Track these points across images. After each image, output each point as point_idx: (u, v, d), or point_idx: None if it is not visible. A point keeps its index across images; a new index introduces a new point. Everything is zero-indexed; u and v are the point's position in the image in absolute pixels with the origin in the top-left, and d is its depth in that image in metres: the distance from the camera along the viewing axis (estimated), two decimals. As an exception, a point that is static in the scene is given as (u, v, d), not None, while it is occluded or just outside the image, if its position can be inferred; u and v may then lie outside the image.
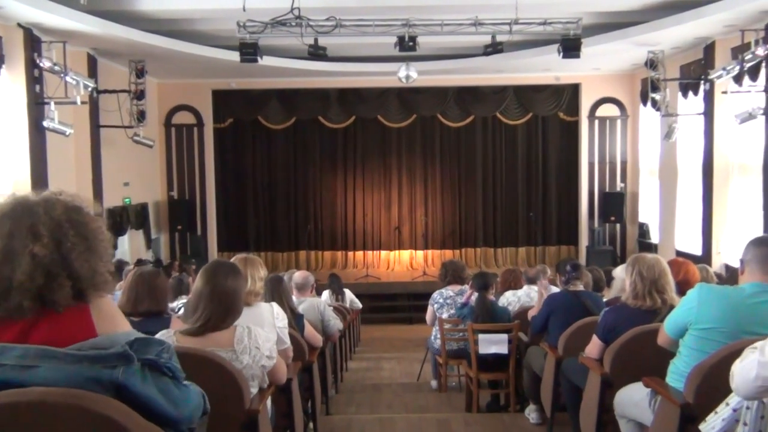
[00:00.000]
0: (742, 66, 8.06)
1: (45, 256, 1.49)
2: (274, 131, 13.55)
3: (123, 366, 1.45)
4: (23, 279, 1.48)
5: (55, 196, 1.60)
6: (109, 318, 1.58)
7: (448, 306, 5.97)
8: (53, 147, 8.36)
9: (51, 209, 1.55)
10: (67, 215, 1.56)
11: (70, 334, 1.50)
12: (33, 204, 1.55)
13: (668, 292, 3.42)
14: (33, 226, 1.51)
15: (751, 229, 8.53)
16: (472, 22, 8.30)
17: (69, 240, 1.53)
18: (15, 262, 1.49)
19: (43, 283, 1.49)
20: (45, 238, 1.50)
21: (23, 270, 1.48)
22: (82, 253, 1.54)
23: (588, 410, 3.61)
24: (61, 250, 1.52)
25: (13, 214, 1.54)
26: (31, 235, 1.50)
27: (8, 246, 1.50)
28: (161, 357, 1.52)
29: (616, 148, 13.20)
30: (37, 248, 1.49)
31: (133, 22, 8.97)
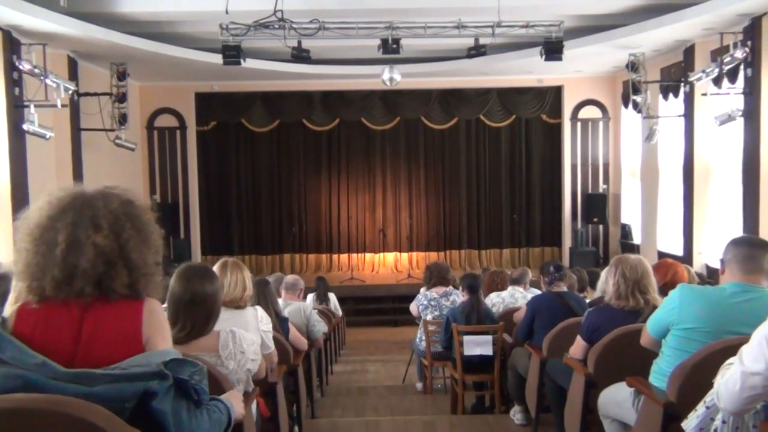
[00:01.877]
0: (721, 68, 8.17)
1: (106, 246, 1.64)
2: (258, 134, 13.50)
3: (158, 382, 1.52)
4: (87, 266, 1.62)
5: (110, 190, 1.76)
6: (155, 324, 1.70)
7: (432, 308, 5.99)
8: (33, 150, 8.25)
9: (108, 202, 1.70)
10: (123, 208, 1.71)
11: (118, 324, 1.63)
12: (92, 197, 1.71)
13: (651, 293, 3.45)
14: (94, 218, 1.66)
15: (731, 230, 8.64)
16: (455, 24, 8.33)
17: (126, 231, 1.68)
18: (80, 251, 1.62)
19: (103, 270, 1.64)
20: (105, 230, 1.65)
21: (87, 258, 1.62)
22: (137, 244, 1.69)
23: (572, 411, 3.63)
24: (119, 240, 1.67)
25: (74, 205, 1.67)
26: (93, 226, 1.65)
27: (73, 235, 1.63)
28: (192, 378, 1.60)
29: (598, 150, 13.31)
30: (99, 238, 1.64)
31: (114, 24, 8.89)
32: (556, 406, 3.99)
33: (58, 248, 1.63)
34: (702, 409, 2.18)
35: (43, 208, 1.69)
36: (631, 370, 3.06)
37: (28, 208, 1.73)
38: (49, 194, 1.73)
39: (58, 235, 1.64)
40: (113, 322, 1.64)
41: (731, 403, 1.99)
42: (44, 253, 1.64)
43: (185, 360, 1.62)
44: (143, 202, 1.80)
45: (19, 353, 1.54)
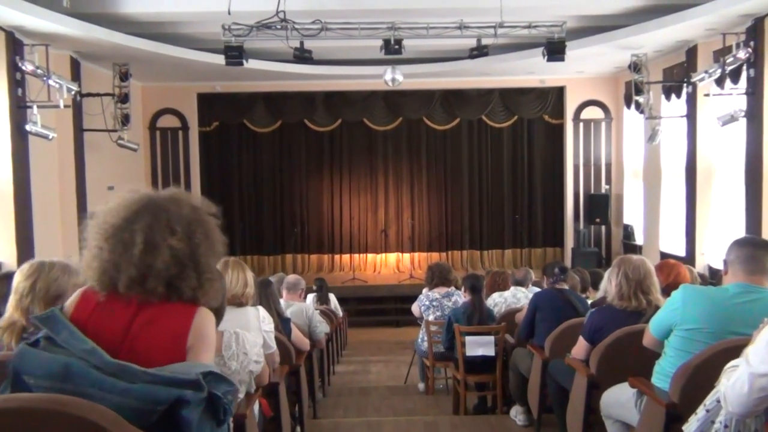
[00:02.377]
0: (724, 69, 8.16)
1: (180, 249, 1.72)
2: (260, 134, 13.51)
3: (192, 392, 1.56)
4: (162, 267, 1.70)
5: (179, 195, 1.83)
6: (202, 334, 1.73)
7: (434, 308, 5.99)
8: (36, 151, 8.27)
9: (180, 207, 1.78)
10: (193, 213, 1.80)
11: (168, 324, 1.70)
12: (164, 201, 1.78)
13: (653, 293, 3.45)
14: (169, 222, 1.73)
15: (734, 231, 8.62)
16: (458, 25, 8.33)
17: (197, 236, 1.76)
18: (156, 252, 1.70)
19: (175, 272, 1.71)
20: (179, 233, 1.74)
21: (163, 259, 1.70)
22: (205, 249, 1.78)
23: (574, 411, 3.62)
24: (191, 244, 1.74)
25: (148, 209, 1.75)
26: (168, 229, 1.73)
27: (150, 237, 1.71)
28: (226, 397, 1.63)
29: (600, 151, 13.30)
30: (174, 241, 1.72)
31: (117, 24, 8.90)
32: (558, 406, 3.99)
33: (136, 249, 1.70)
34: (702, 412, 2.17)
35: (118, 209, 1.77)
36: (634, 371, 3.06)
37: (97, 209, 1.81)
38: (120, 196, 1.81)
39: (135, 236, 1.71)
40: (164, 322, 1.70)
41: (739, 406, 1.96)
42: (120, 252, 1.71)
43: (223, 377, 1.65)
44: (208, 208, 1.88)
45: (72, 337, 1.59)
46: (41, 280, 2.47)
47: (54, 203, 9.00)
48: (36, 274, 2.48)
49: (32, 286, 2.45)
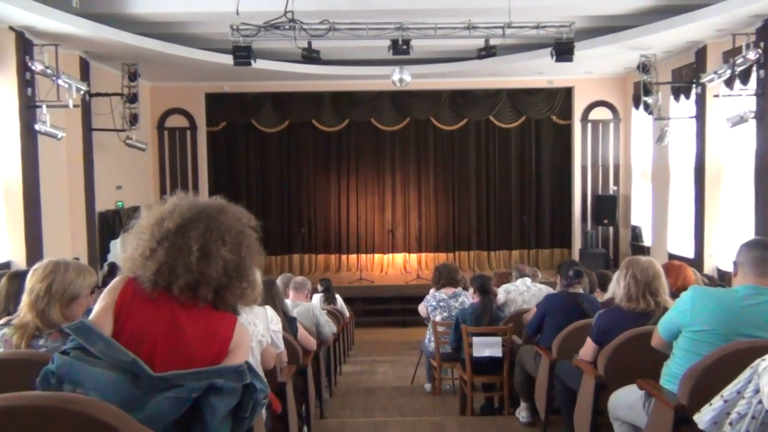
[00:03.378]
0: (734, 70, 8.11)
1: (231, 259, 1.81)
2: (268, 135, 13.54)
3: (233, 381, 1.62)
4: (214, 276, 1.78)
5: (226, 207, 1.92)
6: (243, 340, 1.84)
7: (441, 308, 5.98)
8: (45, 150, 8.31)
9: (228, 219, 1.89)
10: (240, 227, 1.88)
11: (213, 327, 1.78)
12: (215, 212, 1.87)
13: (662, 295, 3.44)
14: (221, 233, 1.82)
15: (743, 232, 8.57)
16: (466, 25, 8.32)
17: (243, 248, 1.84)
18: (210, 261, 1.78)
19: (224, 282, 1.80)
20: (230, 244, 1.82)
21: (216, 269, 1.78)
22: (250, 261, 1.86)
23: (582, 413, 3.61)
24: (239, 255, 1.83)
25: (202, 218, 1.83)
26: (221, 240, 1.82)
27: (204, 246, 1.79)
28: (261, 393, 1.70)
29: (608, 152, 13.25)
30: (225, 252, 1.80)
31: (126, 25, 8.94)
32: (566, 408, 3.97)
33: (192, 256, 1.78)
34: (719, 402, 2.15)
35: (173, 214, 1.85)
36: (642, 373, 3.04)
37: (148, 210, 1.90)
38: (173, 201, 1.89)
39: (190, 243, 1.79)
40: (211, 327, 1.78)
41: None
42: (176, 256, 1.78)
43: (259, 376, 1.72)
44: (249, 220, 1.95)
45: (109, 348, 1.63)
46: (57, 282, 2.47)
47: (63, 202, 9.05)
48: (52, 276, 2.48)
49: (48, 288, 2.45)
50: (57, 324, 2.44)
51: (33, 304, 2.44)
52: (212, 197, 1.98)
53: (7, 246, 7.82)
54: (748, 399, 2.04)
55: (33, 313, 2.43)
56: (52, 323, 2.44)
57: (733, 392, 2.11)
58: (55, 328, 2.45)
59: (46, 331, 2.43)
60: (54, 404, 1.46)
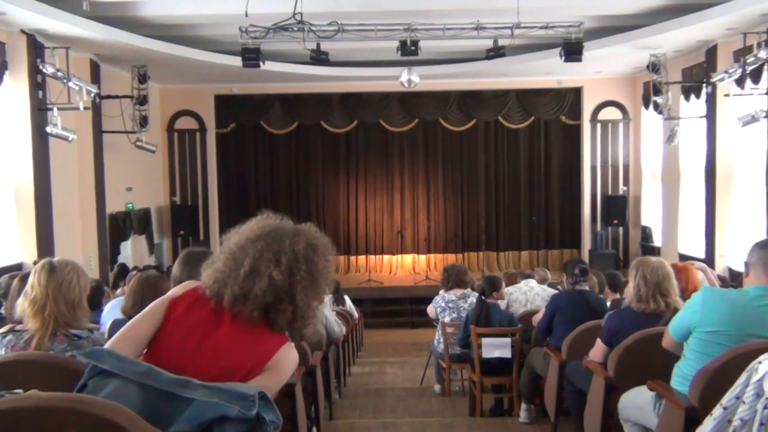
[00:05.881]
0: (745, 69, 8.04)
1: (279, 280, 1.80)
2: (277, 136, 13.57)
3: (240, 408, 1.60)
4: (259, 293, 1.79)
5: (304, 230, 1.93)
6: (280, 366, 1.82)
7: (450, 310, 5.97)
8: (56, 153, 8.37)
9: (295, 242, 1.87)
10: (306, 251, 1.87)
11: (255, 344, 1.79)
12: (284, 233, 1.88)
13: (672, 296, 3.42)
14: (278, 253, 1.83)
15: (755, 232, 8.50)
16: (474, 26, 8.30)
17: (299, 273, 1.83)
18: (257, 278, 1.79)
19: (272, 301, 1.80)
20: (283, 266, 1.82)
21: (260, 287, 1.79)
22: (305, 288, 1.85)
23: (592, 414, 3.60)
24: (291, 279, 1.82)
25: (267, 237, 1.86)
26: (275, 260, 1.82)
27: (256, 264, 1.81)
28: (272, 425, 1.67)
29: (618, 152, 13.20)
30: (275, 273, 1.80)
31: (136, 27, 8.99)
32: (575, 409, 3.96)
33: (242, 270, 1.81)
34: (719, 411, 2.14)
35: (249, 231, 1.90)
36: (652, 374, 3.03)
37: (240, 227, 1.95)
38: (258, 219, 1.95)
39: (246, 259, 1.82)
40: (253, 342, 1.80)
41: None
42: (232, 269, 1.82)
43: (274, 407, 1.70)
44: (327, 250, 1.97)
45: (119, 362, 1.65)
46: (55, 281, 2.47)
47: (74, 204, 9.11)
48: (48, 275, 2.48)
49: (46, 289, 2.46)
50: (62, 326, 2.45)
51: (32, 304, 2.44)
52: (308, 224, 2.02)
53: (18, 248, 7.87)
54: (749, 404, 2.01)
55: (36, 316, 2.43)
56: (57, 325, 2.44)
57: (731, 398, 2.09)
58: (61, 330, 2.45)
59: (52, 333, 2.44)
60: (65, 405, 1.47)
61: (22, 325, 2.49)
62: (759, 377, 2.00)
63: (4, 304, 3.09)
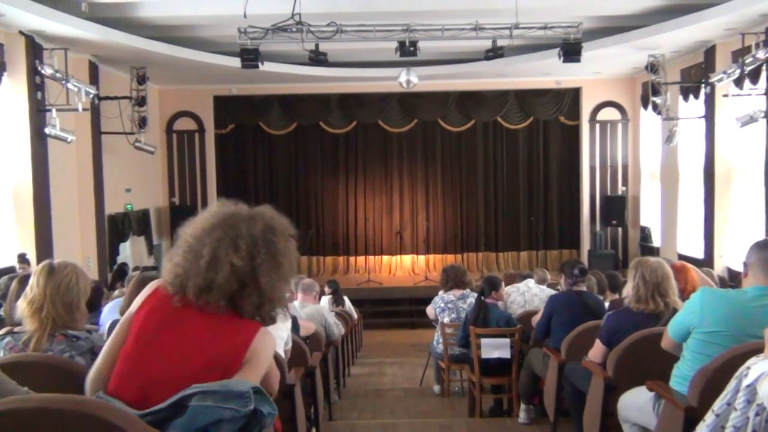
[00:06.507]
0: (743, 69, 8.06)
1: (240, 267, 1.77)
2: (276, 137, 13.57)
3: (238, 407, 1.60)
4: (222, 282, 1.76)
5: (259, 213, 1.91)
6: (260, 354, 1.78)
7: (450, 310, 5.97)
8: (55, 154, 8.37)
9: (252, 227, 1.84)
10: (264, 233, 1.84)
11: (230, 336, 1.76)
12: (240, 218, 1.86)
13: (671, 296, 3.42)
14: (235, 239, 1.80)
15: (754, 233, 8.51)
16: (473, 26, 8.31)
17: (260, 256, 1.80)
18: (218, 267, 1.77)
19: (236, 288, 1.77)
20: (243, 251, 1.79)
21: (223, 275, 1.76)
22: (268, 270, 1.81)
23: (591, 414, 3.60)
24: (252, 263, 1.79)
25: (223, 224, 1.83)
26: (233, 246, 1.79)
27: (215, 252, 1.78)
28: (269, 417, 1.67)
29: (617, 152, 13.21)
30: (236, 259, 1.78)
31: (134, 28, 8.99)
32: (575, 409, 3.96)
33: (202, 260, 1.78)
34: (711, 417, 2.13)
35: (204, 221, 1.87)
36: (651, 374, 3.03)
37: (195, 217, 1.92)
38: (211, 208, 1.92)
39: (204, 249, 1.80)
40: (227, 334, 1.76)
41: None
42: (191, 261, 1.80)
43: (268, 399, 1.69)
44: (286, 230, 1.92)
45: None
46: (53, 283, 2.47)
47: (72, 205, 9.10)
48: (47, 277, 2.49)
49: (45, 290, 2.46)
50: (59, 327, 2.45)
51: (30, 305, 2.44)
52: (264, 206, 1.99)
53: (17, 249, 7.86)
54: (741, 411, 2.00)
55: (34, 317, 2.44)
56: (55, 326, 2.44)
57: (723, 405, 2.08)
58: (59, 331, 2.46)
59: (50, 334, 2.44)
60: (65, 406, 1.47)
61: (21, 327, 2.49)
62: (749, 382, 2.00)
63: (3, 306, 3.09)
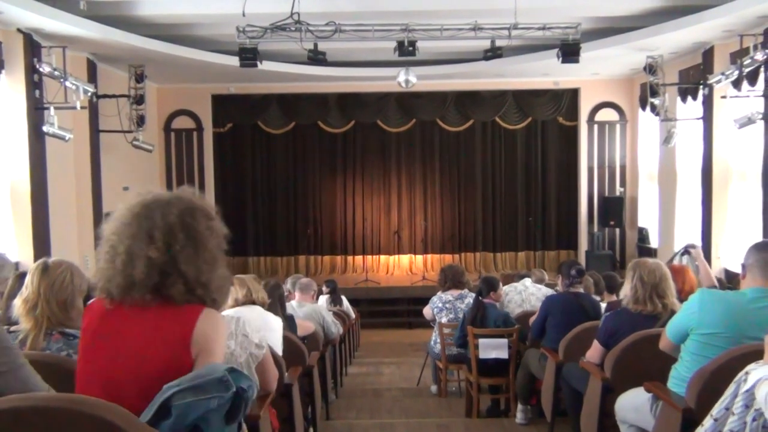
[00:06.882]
0: (741, 71, 8.06)
1: (158, 258, 1.72)
2: (274, 136, 13.55)
3: (221, 393, 1.59)
4: (142, 277, 1.71)
5: (176, 198, 1.82)
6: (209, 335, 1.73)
7: (447, 310, 5.97)
8: (53, 152, 8.35)
9: (167, 214, 1.77)
10: (181, 218, 1.77)
11: (171, 327, 1.71)
12: (154, 208, 1.78)
13: (669, 297, 3.43)
14: (150, 230, 1.74)
15: (751, 234, 8.52)
16: (472, 27, 8.31)
17: (178, 243, 1.74)
18: (134, 263, 1.72)
19: (158, 280, 1.72)
20: (159, 242, 1.73)
21: (141, 270, 1.71)
22: (189, 256, 1.75)
23: (589, 415, 3.60)
24: (170, 252, 1.73)
25: (138, 217, 1.77)
26: (148, 238, 1.74)
27: (131, 248, 1.74)
28: (250, 390, 1.66)
29: (615, 153, 13.21)
30: (151, 251, 1.72)
31: (133, 27, 8.97)
32: (572, 410, 3.96)
33: (119, 258, 1.74)
34: (709, 422, 2.13)
35: (121, 216, 1.81)
36: (649, 375, 3.03)
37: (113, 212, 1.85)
38: (124, 203, 1.84)
39: (119, 246, 1.76)
40: (168, 327, 1.72)
41: None
42: (110, 260, 1.76)
43: (242, 373, 1.67)
44: (206, 210, 1.86)
45: None
46: (47, 281, 2.47)
47: (70, 204, 9.08)
48: (41, 275, 2.49)
49: (38, 288, 2.46)
50: (55, 325, 2.45)
51: (25, 303, 2.44)
52: (183, 187, 1.91)
53: (15, 247, 7.85)
54: (739, 415, 2.00)
55: (29, 315, 2.43)
56: (50, 324, 2.44)
57: (721, 409, 2.09)
58: (55, 329, 2.45)
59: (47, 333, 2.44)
60: (62, 405, 1.47)
61: (18, 326, 2.48)
62: (747, 387, 2.01)
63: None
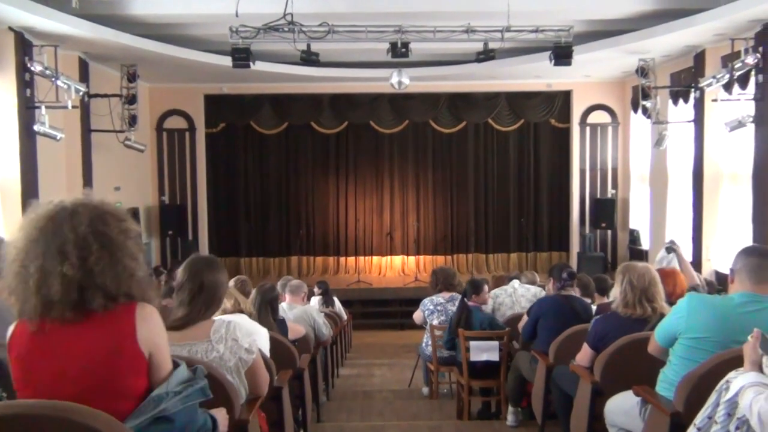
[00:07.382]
0: (732, 74, 8.10)
1: (74, 275, 1.64)
2: (267, 136, 13.53)
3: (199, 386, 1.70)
4: (59, 296, 1.63)
5: (83, 206, 1.72)
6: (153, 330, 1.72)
7: (439, 313, 5.97)
8: (44, 151, 8.30)
9: (77, 225, 1.67)
10: (93, 227, 1.69)
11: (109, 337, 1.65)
12: (62, 221, 1.67)
13: (658, 301, 3.44)
14: (61, 246, 1.65)
15: (742, 237, 8.57)
16: (465, 29, 8.32)
17: (93, 254, 1.66)
18: (49, 282, 1.63)
19: (77, 296, 1.63)
20: (72, 257, 1.65)
21: (56, 290, 1.63)
22: (105, 268, 1.68)
23: (578, 418, 3.61)
24: (86, 266, 1.65)
25: (45, 232, 1.67)
26: (60, 255, 1.64)
27: (43, 267, 1.64)
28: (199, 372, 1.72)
29: (607, 155, 13.26)
30: (66, 268, 1.64)
31: (125, 26, 8.93)
32: (562, 413, 3.97)
33: (32, 279, 1.65)
34: (692, 431, 2.15)
35: (27, 234, 1.70)
36: (638, 379, 3.04)
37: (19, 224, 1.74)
38: (27, 217, 1.73)
39: (30, 266, 1.65)
40: (106, 333, 1.66)
41: None
42: (23, 281, 1.66)
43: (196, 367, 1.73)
44: (116, 215, 1.77)
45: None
46: None
47: (61, 203, 9.02)
48: None
49: None
50: None
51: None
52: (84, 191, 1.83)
53: (4, 247, 7.80)
54: (722, 424, 2.01)
55: None
56: None
57: (704, 418, 2.10)
58: None
59: None
60: (47, 412, 1.46)
61: None
62: (729, 396, 2.01)
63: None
